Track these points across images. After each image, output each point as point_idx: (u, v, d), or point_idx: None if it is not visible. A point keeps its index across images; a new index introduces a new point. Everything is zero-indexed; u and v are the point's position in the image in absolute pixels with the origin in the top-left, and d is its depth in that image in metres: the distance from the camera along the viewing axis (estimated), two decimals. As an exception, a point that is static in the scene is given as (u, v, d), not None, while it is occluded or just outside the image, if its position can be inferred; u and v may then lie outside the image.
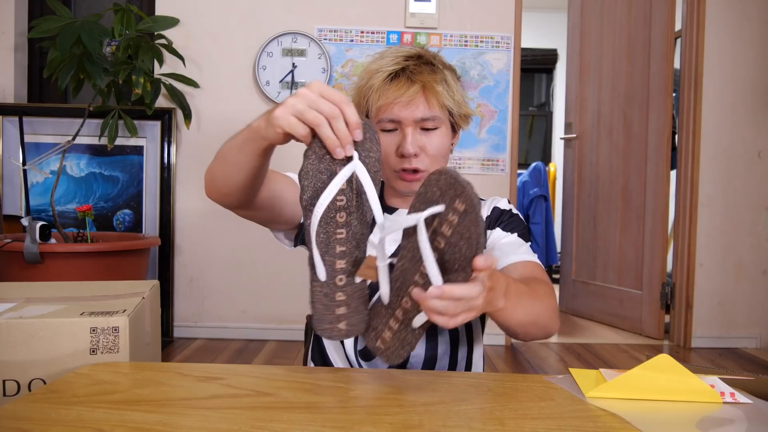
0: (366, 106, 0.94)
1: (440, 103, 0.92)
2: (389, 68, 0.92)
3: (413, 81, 0.91)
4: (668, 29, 2.80)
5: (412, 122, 0.92)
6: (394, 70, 0.92)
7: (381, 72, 0.92)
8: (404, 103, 0.91)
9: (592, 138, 3.23)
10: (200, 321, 2.69)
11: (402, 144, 0.92)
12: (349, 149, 0.65)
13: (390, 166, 0.95)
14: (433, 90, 0.91)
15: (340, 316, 0.68)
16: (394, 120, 0.92)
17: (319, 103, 0.64)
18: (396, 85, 0.91)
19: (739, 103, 2.71)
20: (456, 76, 0.98)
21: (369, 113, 0.95)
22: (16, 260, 2.01)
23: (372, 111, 0.94)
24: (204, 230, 2.67)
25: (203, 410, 0.62)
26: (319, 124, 0.64)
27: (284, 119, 0.65)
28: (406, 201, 1.01)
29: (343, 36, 2.66)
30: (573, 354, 2.58)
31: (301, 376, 0.76)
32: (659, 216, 2.84)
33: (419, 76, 0.91)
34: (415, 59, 0.93)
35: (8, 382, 0.75)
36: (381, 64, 0.93)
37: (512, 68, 2.68)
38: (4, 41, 2.70)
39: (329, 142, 0.64)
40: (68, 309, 0.82)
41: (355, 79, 0.97)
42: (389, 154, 0.93)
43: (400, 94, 0.90)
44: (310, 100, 0.64)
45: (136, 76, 2.23)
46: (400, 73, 0.92)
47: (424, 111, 0.92)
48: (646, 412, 0.65)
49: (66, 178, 2.61)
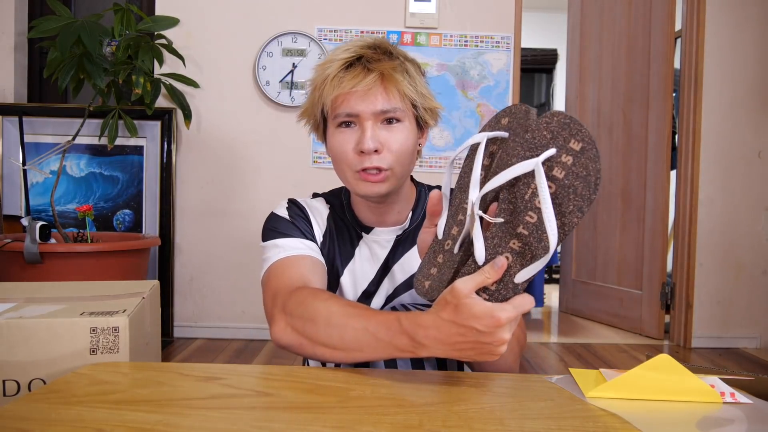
0: (321, 101, 0.86)
1: (401, 92, 0.85)
2: (343, 56, 0.85)
3: (370, 69, 0.83)
4: (668, 29, 2.80)
5: (371, 115, 0.84)
6: (349, 58, 0.84)
7: (335, 61, 0.85)
8: (361, 93, 0.83)
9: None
10: (200, 321, 2.69)
11: (361, 140, 0.84)
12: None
13: (349, 166, 0.86)
14: (393, 78, 0.84)
15: (430, 275, 0.69)
16: (351, 114, 0.84)
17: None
18: (351, 74, 0.83)
19: (739, 103, 2.71)
20: (419, 69, 0.91)
21: (324, 109, 0.87)
22: (16, 260, 2.01)
23: (327, 105, 0.86)
24: (204, 230, 2.67)
25: (203, 410, 0.62)
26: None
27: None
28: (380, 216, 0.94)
29: (343, 36, 2.66)
30: (573, 354, 2.58)
31: (301, 376, 0.76)
32: (659, 216, 2.84)
33: (376, 64, 0.84)
34: (372, 48, 0.86)
35: (8, 382, 0.75)
36: (335, 54, 0.86)
37: (512, 68, 2.68)
38: (4, 41, 2.70)
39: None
40: (68, 309, 0.82)
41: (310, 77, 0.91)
42: (347, 152, 0.85)
43: (356, 83, 0.82)
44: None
45: (136, 76, 2.23)
46: (356, 62, 0.84)
47: (384, 102, 0.84)
48: (646, 412, 0.65)
49: (66, 178, 2.61)
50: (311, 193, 1.05)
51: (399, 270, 0.95)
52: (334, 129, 0.88)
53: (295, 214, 0.95)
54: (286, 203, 0.98)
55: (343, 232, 0.97)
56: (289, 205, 0.97)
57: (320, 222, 0.97)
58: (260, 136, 2.66)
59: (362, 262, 0.96)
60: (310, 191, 1.08)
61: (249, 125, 2.66)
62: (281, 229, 0.92)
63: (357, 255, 0.96)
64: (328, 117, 0.88)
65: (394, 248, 0.95)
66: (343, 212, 0.99)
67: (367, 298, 0.95)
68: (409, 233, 0.96)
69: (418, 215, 0.97)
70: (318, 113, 0.89)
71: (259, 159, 2.66)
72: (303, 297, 0.77)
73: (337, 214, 0.99)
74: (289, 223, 0.93)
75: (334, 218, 0.98)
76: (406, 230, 0.96)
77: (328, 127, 0.90)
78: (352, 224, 0.97)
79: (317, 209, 0.98)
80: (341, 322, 0.71)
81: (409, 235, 0.96)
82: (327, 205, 1.00)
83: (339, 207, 0.99)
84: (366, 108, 0.84)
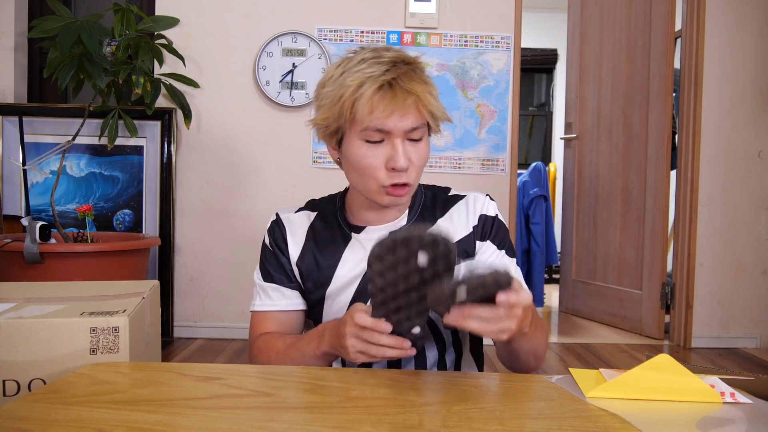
0: (351, 116, 0.87)
1: (429, 112, 0.88)
2: (380, 77, 0.85)
3: (409, 92, 0.85)
4: (668, 29, 2.80)
5: (402, 133, 0.87)
6: (384, 81, 0.85)
7: (370, 80, 0.85)
8: (399, 114, 0.85)
9: (592, 138, 3.23)
10: (200, 321, 2.69)
11: (393, 158, 0.87)
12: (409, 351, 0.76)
13: (377, 180, 0.89)
14: (426, 100, 0.87)
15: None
16: (383, 130, 0.86)
17: (370, 338, 0.75)
18: (391, 96, 0.85)
19: (739, 103, 2.71)
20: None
21: (345, 121, 0.88)
22: (16, 260, 2.01)
23: (356, 121, 0.87)
24: (204, 230, 2.67)
25: (203, 410, 0.62)
26: (384, 355, 0.76)
27: (357, 358, 0.77)
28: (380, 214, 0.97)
29: (343, 36, 2.66)
30: (573, 354, 2.58)
31: (301, 376, 0.76)
32: (659, 216, 2.84)
33: (411, 85, 0.86)
34: (401, 64, 0.87)
35: (8, 382, 0.75)
36: (366, 72, 0.86)
37: (512, 68, 2.68)
38: (4, 41, 2.70)
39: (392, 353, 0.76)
40: (68, 309, 0.82)
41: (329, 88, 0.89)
42: (376, 167, 0.88)
43: (395, 107, 0.85)
44: (362, 338, 0.75)
45: (136, 76, 2.23)
46: (393, 82, 0.85)
47: (413, 121, 0.87)
48: (646, 412, 0.65)
49: (66, 178, 2.61)
50: (307, 200, 1.07)
51: None
52: (359, 141, 0.88)
53: (275, 237, 1.02)
54: (270, 224, 1.04)
55: (330, 237, 1.00)
56: (272, 226, 1.04)
57: (298, 237, 1.01)
58: (260, 136, 2.66)
59: (354, 262, 0.97)
60: (310, 191, 1.09)
61: (249, 125, 2.66)
62: (266, 265, 1.03)
63: (347, 256, 0.98)
64: (351, 128, 0.89)
65: None
66: (335, 216, 1.02)
67: (363, 298, 0.96)
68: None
69: (415, 212, 1.00)
70: (344, 124, 0.89)
71: (259, 159, 2.66)
72: (260, 344, 0.97)
73: (326, 219, 1.02)
74: (271, 256, 1.02)
75: (321, 225, 1.01)
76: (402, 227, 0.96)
77: (348, 136, 0.90)
78: (340, 227, 1.00)
79: (296, 224, 1.02)
80: (286, 353, 0.91)
81: None
82: (313, 213, 1.03)
83: (331, 212, 1.03)
84: (399, 126, 0.86)
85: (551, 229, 3.47)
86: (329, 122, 0.90)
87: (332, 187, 1.10)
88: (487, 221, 1.00)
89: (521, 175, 3.39)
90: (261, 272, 1.04)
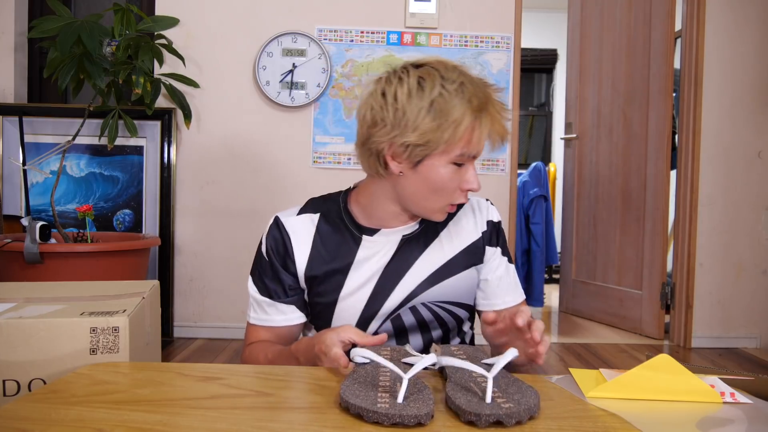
0: (451, 141, 0.85)
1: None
2: (483, 108, 0.86)
3: (503, 125, 0.88)
4: (668, 29, 2.80)
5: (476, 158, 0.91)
6: (487, 111, 0.87)
7: (475, 111, 0.85)
8: (489, 142, 0.89)
9: (592, 138, 3.23)
10: (200, 321, 2.69)
11: (471, 180, 0.90)
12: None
13: (448, 199, 0.91)
14: (507, 128, 0.91)
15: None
16: (475, 156, 0.89)
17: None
18: (490, 126, 0.87)
19: (739, 103, 2.71)
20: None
21: (439, 145, 0.86)
22: (16, 260, 2.01)
23: (454, 146, 0.86)
24: (204, 230, 2.67)
25: (203, 410, 0.62)
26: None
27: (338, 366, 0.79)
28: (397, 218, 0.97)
29: (343, 36, 2.66)
30: (573, 354, 2.58)
31: (301, 376, 0.76)
32: (659, 216, 2.84)
33: (505, 114, 0.89)
34: (493, 92, 0.89)
35: (8, 382, 0.75)
36: (469, 101, 0.85)
37: (512, 68, 2.68)
38: (4, 41, 2.70)
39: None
40: (68, 309, 0.82)
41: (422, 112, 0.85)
42: (453, 188, 0.90)
43: (492, 137, 0.88)
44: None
45: (136, 76, 2.23)
46: (494, 113, 0.87)
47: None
48: (646, 412, 0.65)
49: (66, 178, 2.61)
50: (307, 199, 1.05)
51: (416, 269, 0.97)
52: (445, 162, 0.88)
53: (275, 246, 1.00)
54: (268, 229, 1.02)
55: (339, 240, 0.98)
56: (271, 233, 1.01)
57: (304, 243, 0.99)
58: (260, 136, 2.66)
59: (369, 264, 0.97)
60: (310, 191, 1.08)
61: (249, 125, 2.66)
62: (261, 276, 1.02)
63: (360, 259, 0.97)
64: (445, 151, 0.87)
65: (401, 248, 0.98)
66: (340, 216, 1.00)
67: (381, 296, 0.96)
68: (419, 234, 0.99)
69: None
70: (437, 147, 0.86)
71: (259, 159, 2.66)
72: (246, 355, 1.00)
73: (331, 221, 1.00)
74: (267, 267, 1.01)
75: (326, 228, 0.99)
76: (415, 231, 0.99)
77: (435, 157, 0.88)
78: (350, 228, 0.99)
79: (300, 229, 1.00)
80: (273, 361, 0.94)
81: (420, 237, 0.98)
82: (316, 215, 1.01)
83: (335, 213, 1.00)
84: (481, 151, 0.90)
85: (551, 229, 3.47)
86: (418, 143, 0.86)
87: (332, 187, 1.09)
88: (494, 227, 1.04)
89: (521, 175, 3.39)
90: (255, 284, 1.02)
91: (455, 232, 1.01)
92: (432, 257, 0.98)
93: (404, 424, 0.58)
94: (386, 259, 0.97)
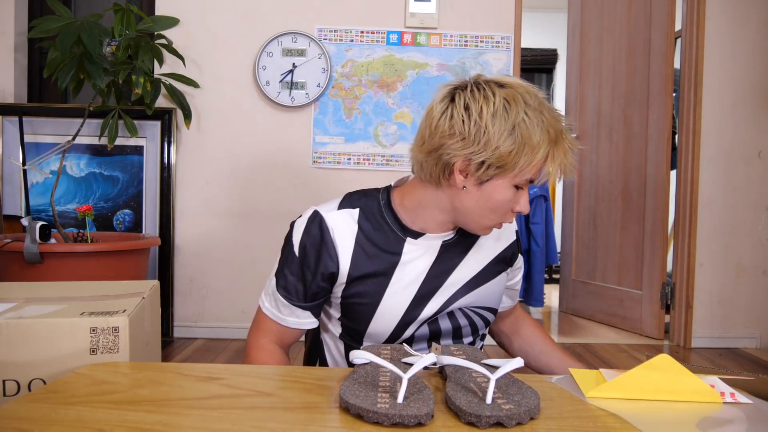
0: (525, 166, 0.86)
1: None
2: (558, 139, 0.88)
3: (574, 153, 0.91)
4: (668, 29, 2.80)
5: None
6: (560, 139, 0.89)
7: (552, 142, 0.87)
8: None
9: (592, 138, 3.23)
10: (200, 321, 2.69)
11: (522, 204, 0.92)
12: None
13: (500, 218, 0.93)
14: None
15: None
16: (533, 181, 0.90)
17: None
18: (558, 157, 0.88)
19: (739, 103, 2.71)
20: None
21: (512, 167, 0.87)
22: (16, 260, 2.01)
23: (525, 171, 0.87)
24: (204, 230, 2.67)
25: (203, 410, 0.62)
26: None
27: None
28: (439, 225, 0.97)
29: (343, 36, 2.66)
30: (573, 354, 2.58)
31: (301, 376, 0.76)
32: (659, 216, 2.84)
33: (574, 147, 0.91)
34: (563, 119, 0.91)
35: (8, 382, 0.75)
36: (545, 125, 0.87)
37: (512, 68, 2.68)
38: (4, 41, 2.70)
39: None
40: (68, 309, 0.82)
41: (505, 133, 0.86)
42: (509, 210, 0.92)
43: (567, 164, 0.89)
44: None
45: (136, 76, 2.23)
46: (565, 143, 0.89)
47: None
48: (646, 412, 0.65)
49: (66, 178, 2.61)
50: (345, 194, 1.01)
51: (456, 275, 0.98)
52: (509, 184, 0.89)
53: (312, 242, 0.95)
54: (306, 223, 0.96)
55: (383, 240, 0.96)
56: (309, 228, 0.96)
57: (347, 241, 0.95)
58: (260, 136, 2.66)
59: (411, 266, 0.96)
60: (310, 191, 1.07)
61: (249, 125, 2.66)
62: (286, 273, 0.97)
63: (404, 258, 0.96)
64: (516, 174, 0.88)
65: (442, 253, 0.98)
66: (382, 214, 0.97)
67: (423, 301, 0.96)
68: (457, 241, 1.00)
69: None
70: (510, 169, 0.87)
71: (259, 159, 2.66)
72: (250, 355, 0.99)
73: (371, 219, 0.97)
74: (296, 265, 0.96)
75: (368, 226, 0.96)
76: (453, 238, 0.99)
77: (502, 178, 0.88)
78: (394, 228, 0.97)
79: (343, 227, 0.95)
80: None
81: (458, 243, 1.00)
82: (355, 211, 0.97)
83: (376, 210, 0.97)
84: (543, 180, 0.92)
85: (551, 229, 3.48)
86: (494, 163, 0.86)
87: (332, 187, 1.09)
88: (517, 234, 1.10)
89: (521, 175, 3.40)
90: (278, 278, 0.98)
91: (490, 239, 1.03)
92: (471, 264, 1.00)
93: (404, 424, 0.58)
94: (429, 263, 0.97)
